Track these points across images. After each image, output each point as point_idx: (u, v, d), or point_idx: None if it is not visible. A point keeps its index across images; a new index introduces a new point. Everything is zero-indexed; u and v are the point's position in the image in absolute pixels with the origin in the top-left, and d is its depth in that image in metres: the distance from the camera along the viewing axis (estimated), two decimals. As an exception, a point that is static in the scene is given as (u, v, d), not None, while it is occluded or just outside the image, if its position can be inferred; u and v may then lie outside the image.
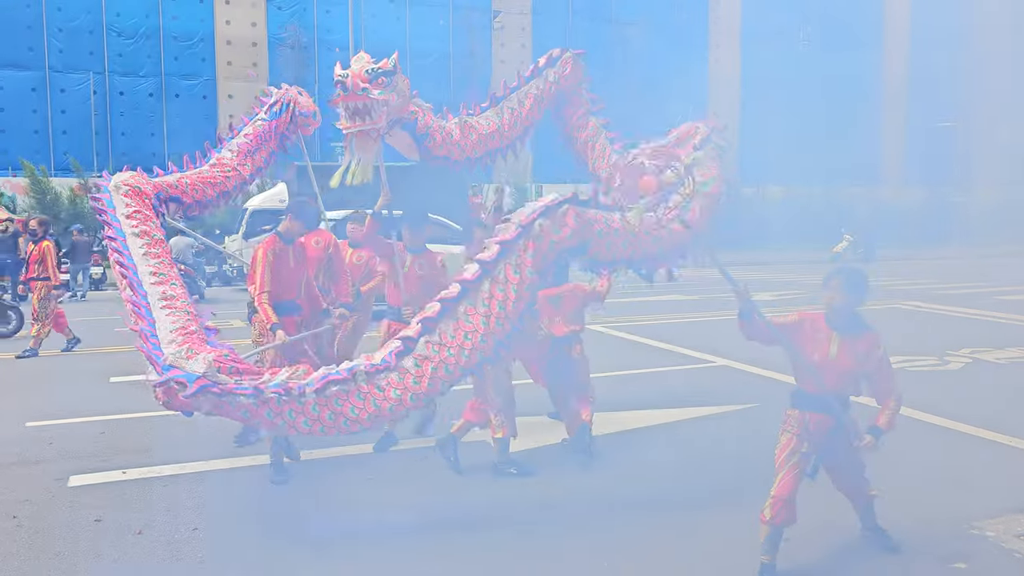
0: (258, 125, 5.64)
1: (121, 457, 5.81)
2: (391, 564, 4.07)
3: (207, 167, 5.36)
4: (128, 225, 4.61)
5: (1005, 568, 3.94)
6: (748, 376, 8.32)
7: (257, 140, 5.56)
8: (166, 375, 3.79)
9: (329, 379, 3.81)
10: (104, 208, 4.71)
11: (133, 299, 4.26)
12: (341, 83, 4.57)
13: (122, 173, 4.98)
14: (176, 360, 3.83)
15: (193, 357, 3.82)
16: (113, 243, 4.54)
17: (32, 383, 8.41)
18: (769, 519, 3.80)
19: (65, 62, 30.56)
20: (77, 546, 4.29)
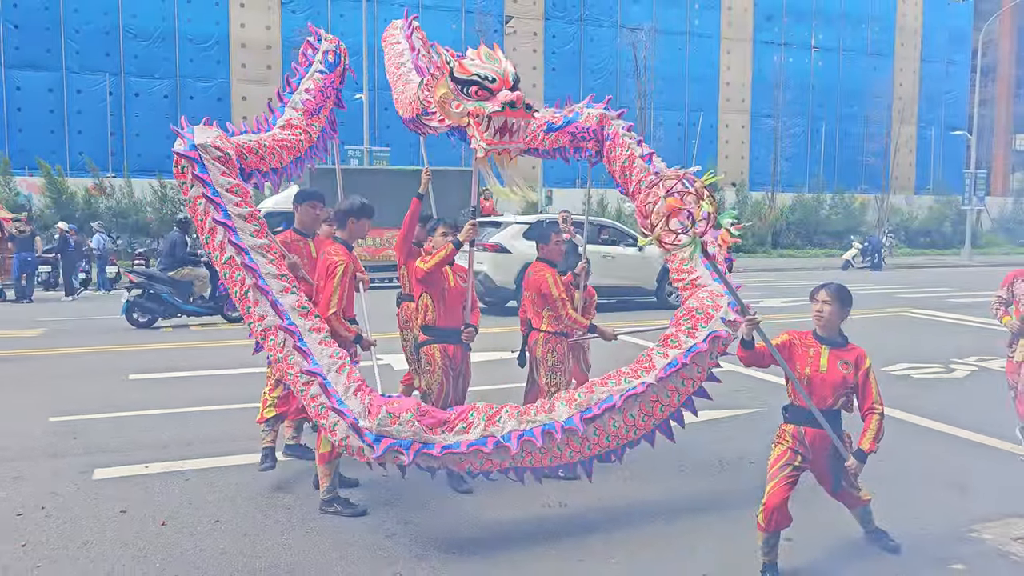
0: (318, 79, 5.33)
1: (143, 452, 5.98)
2: (410, 557, 4.21)
3: (278, 130, 5.04)
4: (230, 201, 4.35)
5: (1002, 570, 4.06)
6: (754, 381, 8.43)
7: (320, 96, 5.26)
8: (380, 449, 3.98)
9: (534, 432, 4.11)
10: (200, 176, 4.29)
11: (282, 325, 4.26)
12: (511, 103, 4.08)
13: (204, 129, 4.50)
14: (383, 429, 3.99)
15: (396, 421, 3.99)
16: (226, 228, 4.28)
17: (53, 380, 8.60)
18: (764, 525, 3.89)
19: (82, 63, 30.94)
20: (104, 536, 4.45)
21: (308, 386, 4.20)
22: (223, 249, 4.32)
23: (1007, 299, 6.25)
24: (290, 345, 4.24)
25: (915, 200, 40.31)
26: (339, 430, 4.10)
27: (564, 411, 4.21)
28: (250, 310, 4.34)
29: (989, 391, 6.79)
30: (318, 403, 4.16)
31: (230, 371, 8.97)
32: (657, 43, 35.89)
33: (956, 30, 44.75)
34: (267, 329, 4.30)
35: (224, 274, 4.40)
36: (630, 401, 4.26)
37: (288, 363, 4.25)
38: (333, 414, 4.11)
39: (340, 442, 4.14)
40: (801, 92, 40.05)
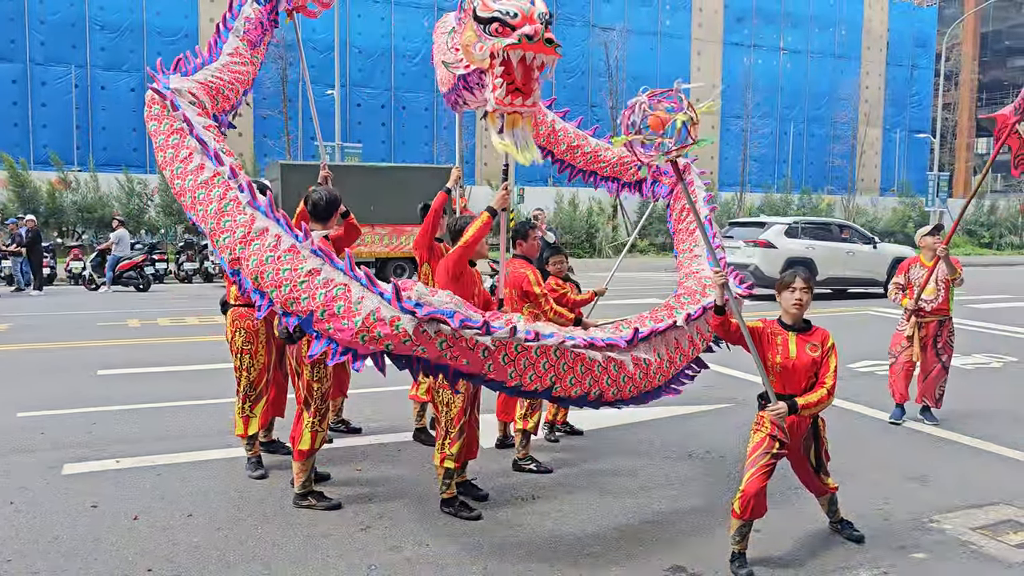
0: (256, 8, 5.20)
1: (114, 447, 5.93)
2: (383, 548, 4.23)
3: (227, 58, 4.89)
4: (211, 135, 4.25)
5: (962, 558, 4.18)
6: (723, 378, 8.56)
7: (259, 29, 5.12)
8: (423, 311, 3.53)
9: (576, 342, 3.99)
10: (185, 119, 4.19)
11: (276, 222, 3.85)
12: (528, 36, 3.89)
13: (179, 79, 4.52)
14: (423, 297, 3.62)
15: (435, 294, 3.70)
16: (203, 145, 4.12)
17: (20, 375, 8.48)
18: (739, 513, 3.96)
19: (47, 55, 30.40)
20: (75, 531, 4.41)
21: (315, 273, 3.66)
22: (199, 171, 4.06)
23: (904, 284, 6.90)
24: (287, 240, 3.78)
25: (880, 201, 41.08)
26: (366, 304, 3.57)
27: (603, 333, 4.29)
28: (228, 222, 3.90)
29: (950, 388, 6.97)
30: (332, 286, 3.62)
31: (199, 367, 8.91)
32: (629, 43, 36.14)
33: (921, 35, 45.66)
34: (253, 233, 3.83)
35: (199, 195, 4.05)
36: (659, 338, 4.46)
37: (281, 260, 3.72)
38: (357, 288, 3.62)
39: (366, 319, 3.54)
40: (770, 94, 40.61)
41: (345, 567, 4.01)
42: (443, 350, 3.68)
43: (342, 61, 28.26)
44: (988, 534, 4.47)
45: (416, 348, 3.64)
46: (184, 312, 14.00)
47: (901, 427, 6.76)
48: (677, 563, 4.11)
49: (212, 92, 4.66)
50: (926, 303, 6.71)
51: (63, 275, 19.77)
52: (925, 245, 6.86)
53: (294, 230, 3.85)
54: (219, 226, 3.97)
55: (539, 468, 5.51)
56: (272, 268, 3.75)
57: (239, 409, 5.33)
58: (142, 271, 18.41)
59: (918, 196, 40.08)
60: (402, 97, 35.31)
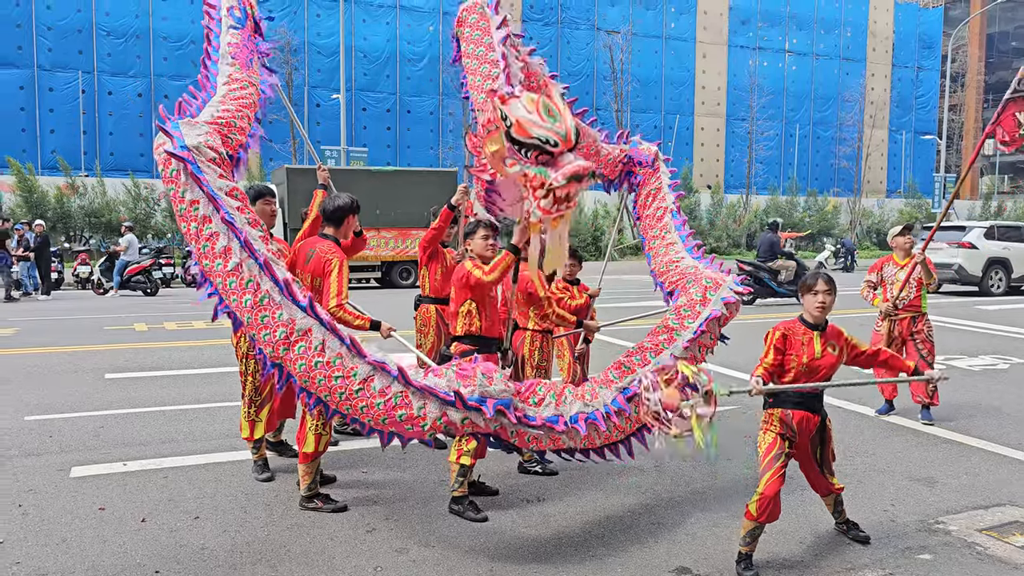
0: (235, 34, 4.94)
1: (121, 450, 5.97)
2: (389, 550, 4.25)
3: (227, 88, 4.64)
4: (231, 205, 3.91)
5: (967, 559, 4.17)
6: (730, 380, 8.56)
7: (244, 50, 4.93)
8: (490, 408, 3.76)
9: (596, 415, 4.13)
10: (197, 177, 3.83)
11: (323, 323, 3.82)
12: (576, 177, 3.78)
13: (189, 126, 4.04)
14: (484, 391, 3.77)
15: (492, 382, 3.79)
16: (232, 230, 3.81)
17: (28, 379, 8.52)
18: (755, 515, 3.96)
19: (54, 61, 30.59)
20: (83, 533, 4.44)
21: (369, 381, 3.73)
22: (227, 256, 3.82)
23: (876, 282, 7.06)
24: (334, 343, 3.77)
25: (886, 203, 40.98)
26: (430, 411, 3.72)
27: (608, 393, 4.28)
28: (267, 319, 3.79)
29: (956, 389, 6.98)
30: (390, 395, 3.72)
31: (205, 370, 8.95)
32: (633, 46, 36.20)
33: (926, 36, 45.57)
34: (296, 335, 3.76)
35: (228, 284, 3.86)
36: None
37: (332, 366, 3.74)
38: (417, 395, 3.73)
39: (434, 423, 3.75)
40: (775, 96, 40.56)
41: (351, 569, 4.02)
42: (498, 430, 3.96)
43: (347, 66, 28.33)
44: (994, 535, 4.46)
45: (479, 431, 3.94)
46: (191, 316, 14.05)
47: (907, 428, 6.75)
48: (682, 564, 4.11)
49: (224, 130, 4.31)
50: (899, 300, 6.87)
51: (70, 279, 19.87)
52: (897, 245, 7.05)
53: (338, 332, 3.83)
54: (257, 321, 3.82)
55: (545, 470, 5.52)
56: (323, 375, 3.76)
57: (245, 413, 5.35)
58: (150, 275, 18.51)
59: (924, 198, 39.99)
60: (407, 101, 35.40)
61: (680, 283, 5.10)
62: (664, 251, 5.47)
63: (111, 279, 18.43)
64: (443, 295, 5.98)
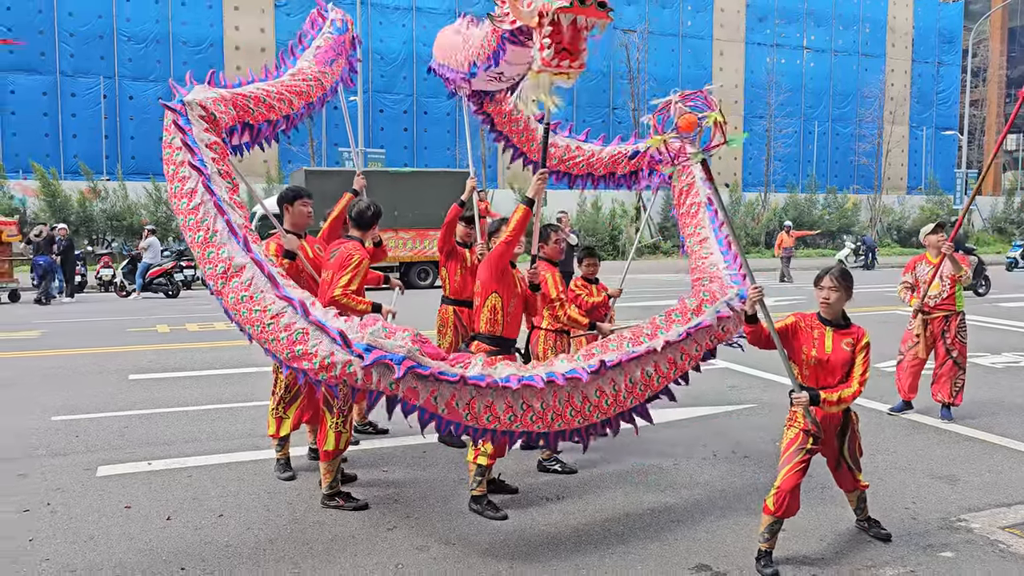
0: (328, 37, 5.37)
1: (145, 449, 6.05)
2: (410, 548, 4.29)
3: (287, 77, 5.03)
4: (207, 154, 4.31)
5: (990, 557, 4.15)
6: (748, 378, 8.55)
7: (332, 50, 5.28)
8: (370, 357, 3.67)
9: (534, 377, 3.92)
10: (181, 126, 4.28)
11: (254, 258, 4.05)
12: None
13: (203, 88, 4.58)
14: (375, 339, 3.71)
15: (391, 336, 3.74)
16: (200, 173, 4.16)
17: (53, 380, 8.65)
18: (773, 510, 3.97)
19: (76, 66, 30.95)
20: (109, 531, 4.51)
21: (279, 316, 3.88)
22: (192, 195, 4.17)
23: (912, 283, 6.99)
24: (260, 279, 3.99)
25: (907, 200, 40.58)
26: (322, 348, 3.78)
27: (564, 365, 4.11)
28: (212, 255, 4.09)
29: (978, 386, 6.92)
30: (292, 330, 3.83)
31: (228, 370, 9.03)
32: (650, 45, 36.07)
33: (947, 31, 45.07)
34: (232, 270, 4.03)
35: (189, 220, 4.18)
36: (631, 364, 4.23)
37: (254, 300, 3.95)
38: (314, 332, 3.80)
39: (323, 362, 3.76)
40: (793, 93, 40.28)
41: (373, 566, 4.07)
42: (394, 390, 3.82)
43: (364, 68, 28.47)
44: (1017, 533, 4.43)
45: (369, 386, 3.84)
46: (212, 318, 14.18)
47: (928, 426, 6.71)
48: (702, 562, 4.12)
49: (246, 102, 4.71)
50: (931, 299, 6.80)
51: (93, 282, 20.11)
52: (930, 243, 6.94)
53: (263, 268, 4.06)
54: (204, 256, 4.17)
55: (564, 468, 5.55)
56: (246, 307, 4.01)
57: (272, 409, 5.41)
58: (171, 277, 18.70)
59: (946, 194, 39.57)
60: (424, 103, 35.51)
61: (698, 283, 5.07)
62: (698, 247, 5.39)
63: (133, 282, 18.65)
64: (462, 296, 6.01)
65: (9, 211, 24.42)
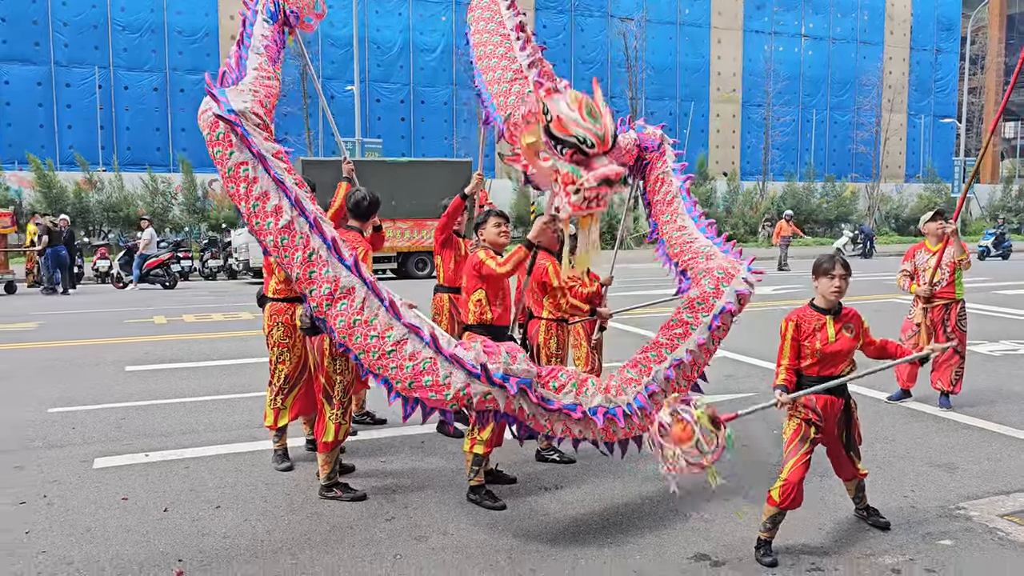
0: (267, 27, 5.11)
1: (142, 441, 6.04)
2: (408, 538, 4.28)
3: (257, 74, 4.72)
4: (278, 166, 4.06)
5: (988, 545, 4.15)
6: (745, 366, 8.53)
7: (277, 46, 5.12)
8: (513, 385, 3.80)
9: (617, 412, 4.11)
10: (246, 139, 3.97)
11: (365, 281, 3.98)
12: (608, 181, 3.77)
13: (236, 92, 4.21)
14: (508, 368, 3.82)
15: (516, 361, 3.84)
16: (283, 188, 3.97)
17: (50, 372, 8.63)
18: (779, 501, 3.96)
19: (70, 57, 30.78)
20: (106, 523, 4.50)
21: (402, 344, 3.86)
22: (278, 214, 3.95)
23: (911, 271, 7.01)
24: (374, 303, 3.93)
25: (905, 188, 40.55)
26: (455, 380, 3.82)
27: (631, 391, 4.26)
28: (315, 275, 3.95)
29: (977, 374, 6.92)
30: (419, 360, 3.84)
31: (226, 361, 9.01)
32: (648, 33, 35.94)
33: (945, 18, 44.91)
34: (339, 292, 3.92)
35: (280, 241, 3.98)
36: (679, 370, 4.41)
37: (370, 325, 3.89)
38: (444, 363, 3.83)
39: (456, 394, 3.82)
40: (791, 81, 40.16)
41: (371, 557, 4.06)
42: (519, 411, 3.98)
43: (361, 57, 28.31)
44: (1016, 521, 4.43)
45: (508, 410, 3.98)
46: (209, 309, 14.17)
47: (927, 414, 6.71)
48: (701, 551, 4.11)
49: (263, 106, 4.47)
50: (933, 287, 6.79)
51: (90, 274, 20.07)
52: (929, 231, 6.91)
53: (379, 292, 3.99)
54: (306, 276, 4.00)
55: (562, 458, 5.54)
56: (360, 333, 3.92)
57: (270, 400, 5.39)
58: (168, 269, 18.66)
59: (944, 182, 39.52)
60: (421, 92, 35.37)
61: (694, 263, 5.01)
62: (677, 234, 5.36)
63: (130, 273, 18.60)
64: (456, 284, 5.99)
65: (5, 202, 24.32)
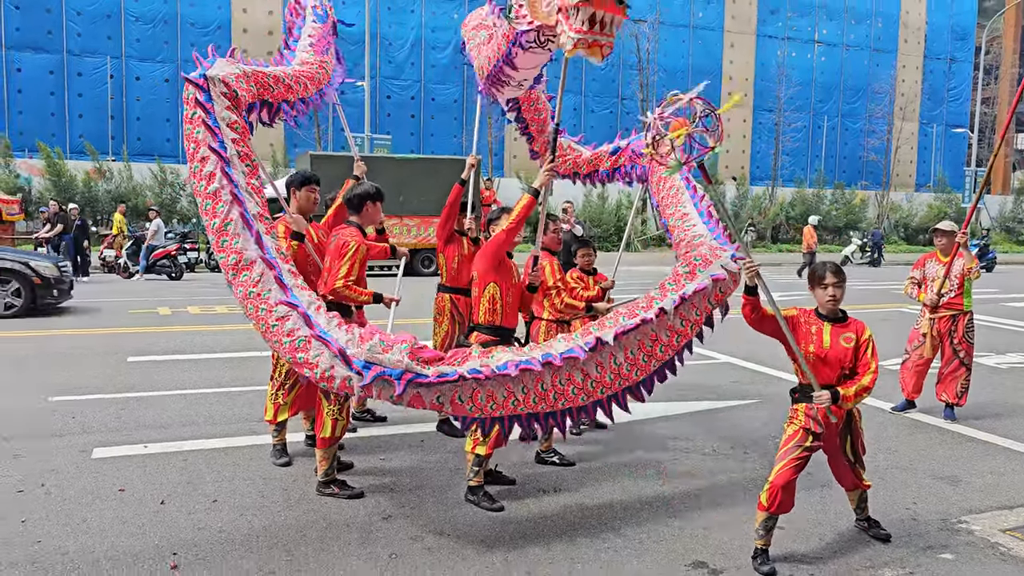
0: (316, 27, 5.29)
1: (142, 432, 6.03)
2: (404, 538, 4.26)
3: (298, 64, 5.01)
4: (227, 135, 4.21)
5: (990, 560, 4.10)
6: (750, 373, 8.49)
7: (323, 41, 5.26)
8: (369, 375, 3.72)
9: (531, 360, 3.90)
10: (202, 103, 4.19)
11: (264, 257, 4.03)
12: None
13: (226, 63, 4.45)
14: (373, 356, 3.74)
15: (389, 350, 3.76)
16: (220, 157, 4.11)
17: (52, 361, 8.63)
18: (767, 506, 3.93)
19: (83, 46, 30.87)
20: (103, 514, 4.48)
21: (284, 320, 3.92)
22: (210, 179, 4.12)
23: (919, 280, 6.97)
24: (269, 278, 4.01)
25: (915, 197, 40.35)
26: (322, 360, 3.80)
27: (562, 345, 4.09)
28: (226, 244, 4.09)
29: (983, 387, 6.86)
30: (295, 337, 3.87)
31: (228, 354, 9.01)
32: (660, 35, 35.84)
33: (960, 27, 44.68)
34: (243, 263, 4.05)
35: (206, 204, 4.16)
36: (629, 336, 4.15)
37: (262, 299, 3.98)
38: (316, 344, 3.82)
39: (323, 374, 3.80)
40: (804, 87, 40.01)
41: (366, 555, 4.03)
42: (395, 401, 3.84)
43: (372, 54, 28.32)
44: (1018, 536, 4.38)
45: (370, 396, 3.88)
46: (214, 301, 14.17)
47: (931, 425, 6.65)
48: (699, 559, 4.07)
49: (267, 80, 4.65)
50: (940, 297, 6.75)
51: (96, 263, 20.12)
52: (940, 246, 6.87)
53: (273, 267, 4.04)
54: (218, 244, 4.15)
55: (562, 461, 5.51)
56: (253, 304, 4.03)
57: (271, 395, 5.37)
58: (175, 260, 18.68)
59: (954, 192, 39.33)
60: (432, 89, 35.37)
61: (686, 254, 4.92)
62: (680, 222, 5.25)
63: (137, 263, 18.64)
64: (459, 284, 5.96)
65: (14, 189, 24.41)
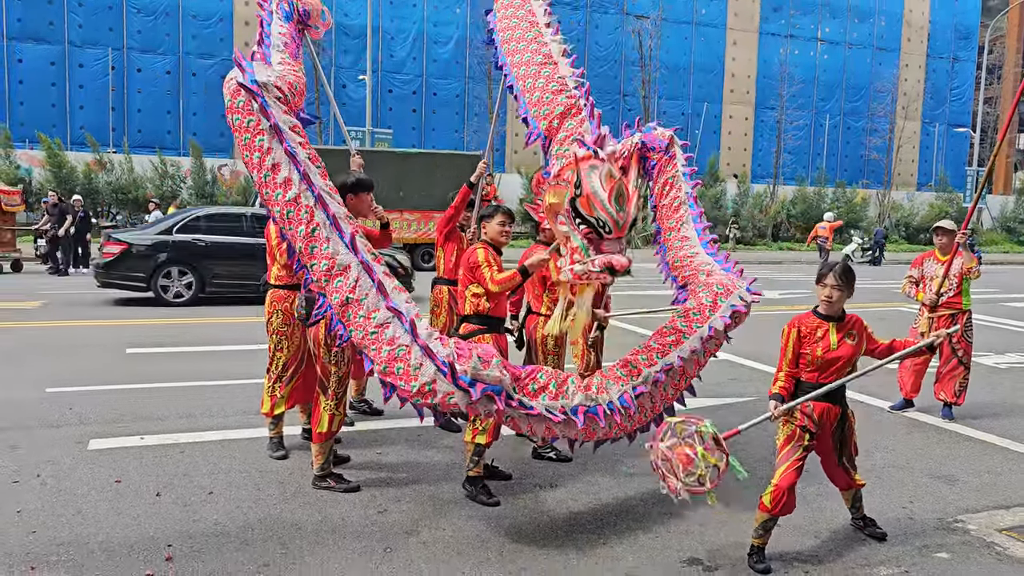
0: (284, 28, 5.18)
1: (139, 424, 6.02)
2: (400, 532, 4.25)
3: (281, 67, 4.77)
4: (294, 139, 4.12)
5: (986, 559, 4.10)
6: (750, 371, 8.47)
7: (293, 44, 5.18)
8: (477, 392, 3.71)
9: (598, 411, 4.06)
10: (265, 111, 4.08)
11: (361, 259, 3.98)
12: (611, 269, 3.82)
13: (262, 67, 4.34)
14: (476, 373, 3.74)
15: (488, 367, 3.77)
16: (294, 162, 4.03)
17: (50, 352, 8.63)
18: (769, 508, 3.92)
19: (84, 37, 30.84)
20: (98, 506, 4.48)
21: (384, 327, 3.84)
22: (287, 186, 4.01)
23: (917, 278, 6.97)
24: (366, 283, 3.93)
25: (916, 196, 40.31)
26: (424, 373, 3.73)
27: (616, 390, 4.20)
28: (316, 250, 3.98)
29: (981, 386, 6.85)
30: (396, 345, 3.80)
31: (226, 347, 9.00)
32: (663, 32, 35.78)
33: (963, 27, 44.58)
34: (336, 269, 3.95)
35: (287, 213, 4.03)
36: (668, 375, 4.38)
37: (359, 305, 3.90)
38: (418, 353, 3.76)
39: (421, 388, 3.74)
40: (806, 85, 39.95)
41: (361, 549, 4.03)
42: (488, 416, 3.97)
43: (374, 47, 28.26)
44: (1014, 536, 4.38)
45: (479, 413, 3.93)
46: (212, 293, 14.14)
47: (928, 424, 6.65)
48: (694, 555, 4.07)
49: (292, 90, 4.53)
50: (939, 297, 6.71)
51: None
52: (940, 245, 6.88)
53: (371, 272, 3.98)
54: (307, 251, 4.04)
55: (559, 456, 5.50)
56: (352, 311, 3.94)
57: (268, 388, 5.37)
58: (174, 252, 18.62)
59: (956, 192, 39.29)
60: (433, 84, 35.33)
61: (693, 278, 4.97)
62: (680, 244, 5.27)
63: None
64: (456, 277, 5.95)
65: (15, 180, 24.39)
